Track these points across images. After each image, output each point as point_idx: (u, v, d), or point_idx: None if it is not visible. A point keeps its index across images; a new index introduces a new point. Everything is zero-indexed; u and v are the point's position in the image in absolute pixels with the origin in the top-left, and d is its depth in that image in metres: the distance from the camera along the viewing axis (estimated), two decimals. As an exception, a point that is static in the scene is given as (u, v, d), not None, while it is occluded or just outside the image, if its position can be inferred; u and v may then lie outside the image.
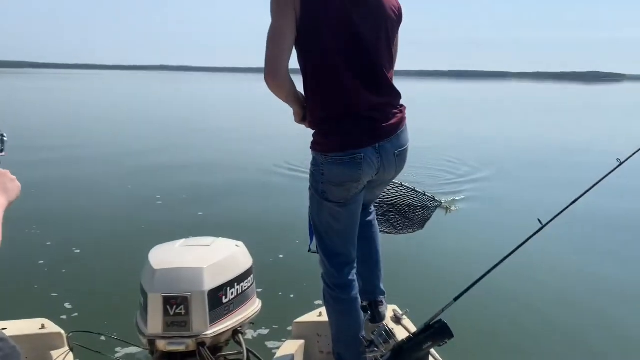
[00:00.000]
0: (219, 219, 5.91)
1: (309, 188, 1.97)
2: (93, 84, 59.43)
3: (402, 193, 2.76)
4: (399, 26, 1.94)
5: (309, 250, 2.16)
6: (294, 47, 1.79)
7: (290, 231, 5.22)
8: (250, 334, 3.06)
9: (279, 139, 12.68)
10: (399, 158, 1.92)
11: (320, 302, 2.29)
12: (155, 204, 6.54)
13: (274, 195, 7.20)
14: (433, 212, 2.85)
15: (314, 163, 1.91)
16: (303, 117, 1.93)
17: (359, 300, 2.02)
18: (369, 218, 2.23)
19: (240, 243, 2.28)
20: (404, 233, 2.85)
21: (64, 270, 4.30)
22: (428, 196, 2.80)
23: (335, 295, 1.98)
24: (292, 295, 3.83)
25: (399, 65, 2.08)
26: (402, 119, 1.93)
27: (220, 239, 2.29)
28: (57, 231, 5.27)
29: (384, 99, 1.87)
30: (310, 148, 1.91)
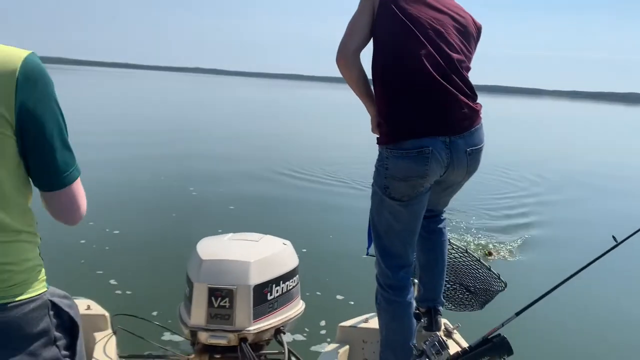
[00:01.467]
0: (265, 216, 5.88)
1: (372, 185, 1.90)
2: (129, 82, 60.74)
3: (464, 262, 2.44)
4: (477, 41, 1.92)
5: (367, 254, 2.07)
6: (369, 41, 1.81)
7: (338, 235, 5.13)
8: (292, 334, 2.96)
9: (329, 146, 12.54)
10: (471, 158, 1.81)
11: (367, 309, 2.22)
12: (194, 197, 6.54)
13: (322, 200, 7.04)
14: (495, 295, 2.42)
15: (379, 158, 1.84)
16: (379, 124, 1.86)
17: (413, 305, 1.93)
18: (440, 225, 2.13)
19: (288, 242, 2.24)
20: (460, 310, 2.49)
21: (107, 248, 4.34)
22: (493, 273, 2.40)
23: (388, 296, 1.90)
24: (337, 300, 3.73)
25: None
26: (478, 116, 1.83)
27: (268, 236, 2.27)
28: (96, 214, 5.22)
29: (459, 92, 1.77)
30: (377, 143, 1.84)
